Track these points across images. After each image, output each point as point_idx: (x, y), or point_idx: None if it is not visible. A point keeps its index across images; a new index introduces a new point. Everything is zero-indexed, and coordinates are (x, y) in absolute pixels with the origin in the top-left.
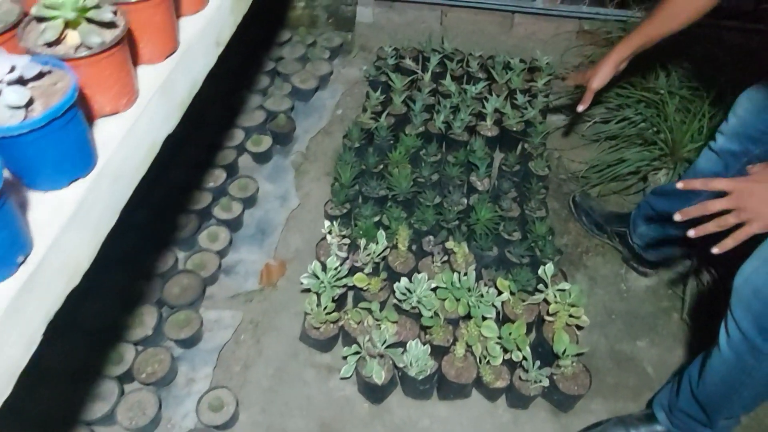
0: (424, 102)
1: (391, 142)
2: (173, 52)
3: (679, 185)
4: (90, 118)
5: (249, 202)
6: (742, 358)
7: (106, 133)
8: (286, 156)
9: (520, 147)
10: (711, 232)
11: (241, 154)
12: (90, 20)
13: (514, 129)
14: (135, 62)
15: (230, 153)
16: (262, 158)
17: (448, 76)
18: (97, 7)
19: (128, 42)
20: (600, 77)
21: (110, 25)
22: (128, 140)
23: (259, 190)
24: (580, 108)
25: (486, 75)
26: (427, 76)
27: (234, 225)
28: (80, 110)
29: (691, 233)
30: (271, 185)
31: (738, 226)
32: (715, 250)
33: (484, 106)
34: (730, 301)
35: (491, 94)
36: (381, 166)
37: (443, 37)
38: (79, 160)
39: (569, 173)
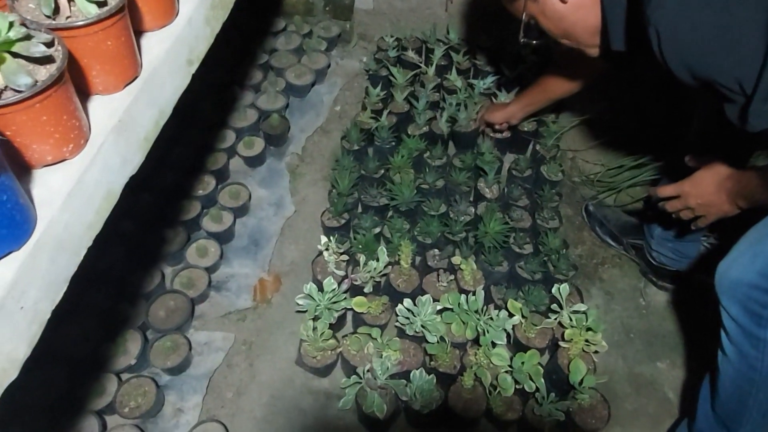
0: (428, 99)
1: (393, 143)
2: (134, 79)
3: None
4: (26, 171)
5: (240, 211)
6: (744, 351)
7: (48, 187)
8: (280, 158)
9: (531, 148)
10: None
11: (232, 157)
12: (16, 55)
13: (525, 129)
14: (85, 93)
15: (220, 156)
16: (254, 162)
17: (454, 70)
18: (25, 38)
19: (73, 73)
20: (494, 122)
21: (45, 59)
22: (76, 194)
23: (252, 197)
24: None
25: (495, 68)
26: (431, 70)
27: (225, 237)
28: (7, 173)
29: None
30: (265, 191)
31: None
32: (693, 227)
33: (493, 103)
34: (717, 295)
35: (500, 90)
36: (382, 171)
37: (448, 26)
38: (8, 230)
39: (583, 176)
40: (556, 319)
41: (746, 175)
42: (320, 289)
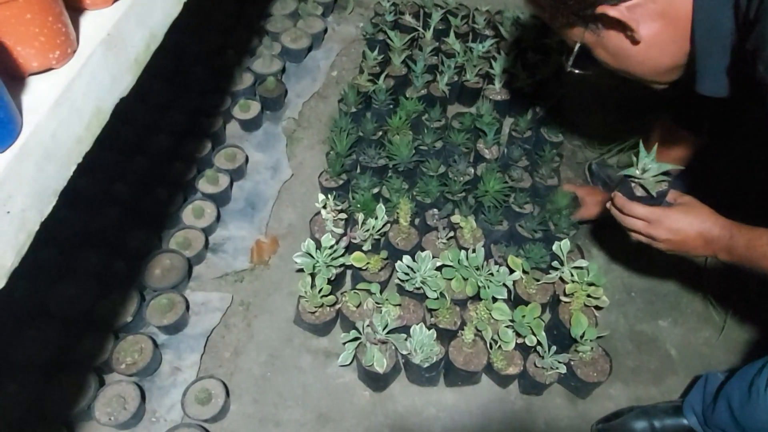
0: (426, 62)
1: (391, 106)
2: None
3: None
4: (12, 78)
5: (237, 173)
6: None
7: (35, 94)
8: (276, 123)
9: (531, 111)
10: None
11: (228, 121)
12: None
13: (525, 91)
14: (74, 7)
15: (216, 120)
16: (250, 125)
17: (452, 34)
18: None
19: None
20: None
21: None
22: (63, 104)
23: (248, 161)
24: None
25: (494, 32)
26: (429, 34)
27: (221, 199)
28: None
29: None
30: (261, 155)
31: None
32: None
33: (492, 66)
34: None
35: (499, 53)
36: (380, 133)
37: None
38: None
39: (584, 139)
40: (557, 274)
41: (749, 233)
42: (318, 246)
